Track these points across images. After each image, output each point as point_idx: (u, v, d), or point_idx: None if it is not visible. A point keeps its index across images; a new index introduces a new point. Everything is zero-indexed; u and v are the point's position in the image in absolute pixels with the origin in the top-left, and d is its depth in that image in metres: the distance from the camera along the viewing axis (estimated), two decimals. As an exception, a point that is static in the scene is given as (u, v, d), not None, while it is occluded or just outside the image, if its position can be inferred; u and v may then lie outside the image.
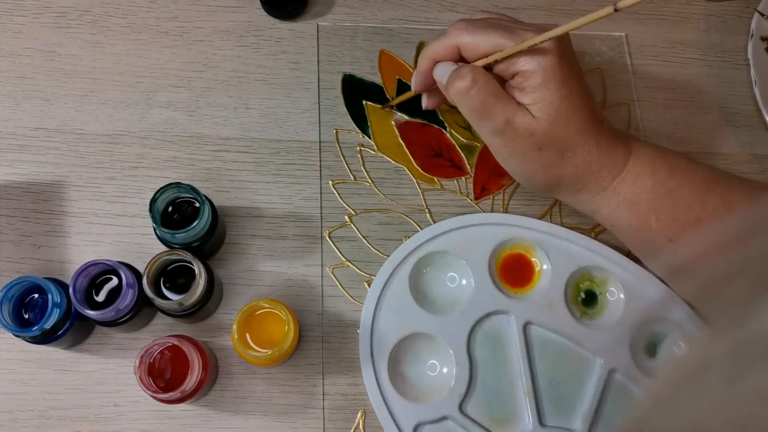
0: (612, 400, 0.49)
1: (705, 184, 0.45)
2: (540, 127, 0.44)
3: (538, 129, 0.44)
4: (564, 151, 0.45)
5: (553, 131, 0.44)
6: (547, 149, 0.44)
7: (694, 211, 0.44)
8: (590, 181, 0.46)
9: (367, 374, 0.47)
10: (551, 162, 0.45)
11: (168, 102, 0.54)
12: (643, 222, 0.45)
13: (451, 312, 0.49)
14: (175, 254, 0.44)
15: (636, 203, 0.45)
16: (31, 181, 0.51)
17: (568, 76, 0.44)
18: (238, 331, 0.44)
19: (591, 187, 0.46)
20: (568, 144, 0.44)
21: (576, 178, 0.46)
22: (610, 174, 0.45)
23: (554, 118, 0.44)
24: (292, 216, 0.52)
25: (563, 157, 0.45)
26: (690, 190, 0.45)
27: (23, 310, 0.44)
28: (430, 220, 0.53)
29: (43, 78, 0.53)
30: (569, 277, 0.51)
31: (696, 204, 0.44)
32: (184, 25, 0.56)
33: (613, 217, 0.46)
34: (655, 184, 0.45)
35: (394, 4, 0.59)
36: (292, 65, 0.56)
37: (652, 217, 0.45)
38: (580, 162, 0.45)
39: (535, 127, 0.44)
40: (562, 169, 0.45)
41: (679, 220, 0.45)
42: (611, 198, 0.46)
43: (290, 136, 0.54)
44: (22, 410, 0.46)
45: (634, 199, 0.45)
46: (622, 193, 0.45)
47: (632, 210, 0.45)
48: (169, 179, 0.48)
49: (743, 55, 0.61)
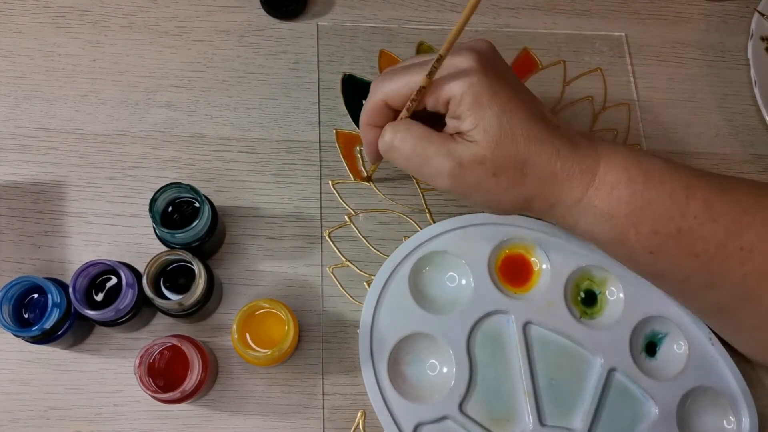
0: (612, 399, 0.49)
1: (684, 192, 0.43)
2: (487, 150, 0.41)
3: (486, 153, 0.41)
4: (521, 167, 0.41)
5: (502, 150, 0.41)
6: (502, 172, 0.41)
7: (674, 222, 0.42)
8: (560, 193, 0.43)
9: (367, 374, 0.47)
10: (511, 183, 0.42)
11: (168, 102, 0.54)
12: (623, 236, 0.43)
13: (451, 312, 0.49)
14: (175, 254, 0.44)
15: (613, 216, 0.43)
16: (31, 181, 0.51)
17: (498, 88, 0.41)
18: (238, 331, 0.44)
19: (563, 200, 0.43)
20: (523, 159, 0.41)
21: (544, 193, 0.43)
22: (581, 183, 0.42)
23: (499, 136, 0.41)
24: (292, 216, 0.52)
25: (522, 174, 0.42)
26: (670, 199, 0.42)
27: (23, 310, 0.44)
28: (430, 220, 0.53)
29: (43, 78, 0.53)
30: (569, 277, 0.51)
31: (677, 214, 0.42)
32: (184, 25, 0.56)
33: (591, 231, 0.44)
34: (633, 195, 0.42)
35: (394, 4, 0.59)
36: (292, 65, 0.56)
37: (632, 231, 0.43)
38: (542, 174, 0.42)
39: (482, 153, 0.41)
40: (526, 187, 0.42)
41: (659, 233, 0.43)
42: (588, 211, 0.43)
43: (290, 136, 0.54)
44: (22, 410, 0.46)
45: (612, 212, 0.42)
46: (598, 206, 0.43)
47: (610, 223, 0.43)
48: (169, 179, 0.48)
49: (743, 55, 0.61)
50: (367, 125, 0.45)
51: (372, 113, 0.44)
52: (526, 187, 0.42)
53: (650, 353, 0.51)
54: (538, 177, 0.42)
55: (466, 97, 0.41)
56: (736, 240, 0.42)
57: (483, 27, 0.59)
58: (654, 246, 0.43)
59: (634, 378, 0.49)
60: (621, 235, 0.43)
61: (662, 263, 0.44)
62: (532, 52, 0.59)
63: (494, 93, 0.41)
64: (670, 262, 0.44)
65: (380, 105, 0.44)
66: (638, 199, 0.42)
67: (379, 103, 0.44)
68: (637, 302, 0.50)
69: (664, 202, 0.42)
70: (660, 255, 0.44)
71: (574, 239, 0.51)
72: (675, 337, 0.51)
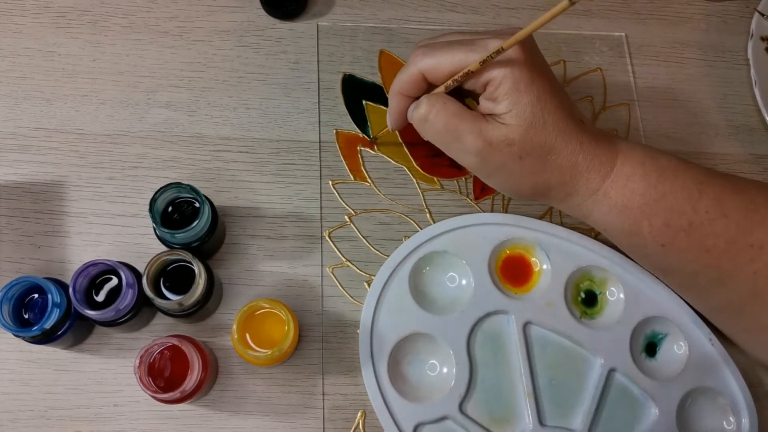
0: (612, 399, 0.49)
1: (697, 187, 0.44)
2: (517, 134, 0.43)
3: (515, 137, 0.43)
4: (546, 154, 0.43)
5: (531, 136, 0.43)
6: (528, 156, 0.43)
7: (686, 216, 0.44)
8: (579, 183, 0.45)
9: (367, 374, 0.47)
10: (535, 169, 0.44)
11: (168, 102, 0.54)
12: (636, 227, 0.45)
13: (451, 312, 0.49)
14: (175, 254, 0.44)
15: (627, 208, 0.44)
16: (31, 181, 0.51)
17: (537, 78, 0.43)
18: (238, 331, 0.44)
19: (580, 191, 0.45)
20: (549, 146, 0.43)
21: (564, 182, 0.45)
22: (599, 175, 0.44)
23: (530, 122, 0.42)
24: (292, 216, 0.52)
25: (546, 161, 0.44)
26: (682, 194, 0.44)
27: (23, 310, 0.44)
28: (430, 220, 0.53)
29: (43, 78, 0.53)
30: (569, 277, 0.51)
31: (689, 208, 0.44)
32: (184, 25, 0.56)
33: (605, 221, 0.46)
34: (647, 188, 0.44)
35: (394, 4, 0.59)
36: (292, 65, 0.56)
37: (645, 223, 0.44)
38: (564, 164, 0.44)
39: (512, 136, 0.43)
40: (548, 174, 0.44)
41: (671, 225, 0.44)
42: (602, 202, 0.45)
43: (290, 136, 0.54)
44: (22, 410, 0.46)
45: (626, 204, 0.44)
46: (613, 197, 0.44)
47: (624, 215, 0.44)
48: (169, 179, 0.48)
49: (743, 55, 0.61)
50: (399, 94, 0.46)
51: (407, 83, 0.45)
52: (548, 174, 0.44)
53: (650, 354, 0.51)
54: (560, 166, 0.44)
55: (506, 82, 0.42)
56: (747, 236, 0.43)
57: (483, 27, 0.59)
58: (666, 239, 0.44)
59: (634, 378, 0.49)
60: (634, 227, 0.45)
61: (673, 256, 0.45)
62: (532, 52, 0.59)
63: (532, 81, 0.42)
64: (680, 255, 0.45)
65: (417, 77, 0.45)
66: (652, 191, 0.44)
67: (416, 75, 0.44)
68: (638, 303, 0.50)
69: (677, 196, 0.44)
70: (671, 248, 0.44)
71: (574, 239, 0.51)
72: (675, 337, 0.51)
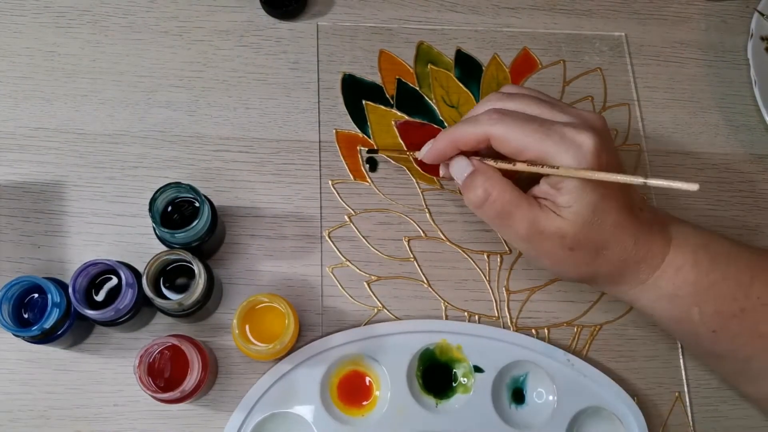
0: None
1: (749, 272, 0.43)
2: (572, 229, 0.41)
3: (569, 231, 0.41)
4: (599, 249, 0.42)
5: (586, 233, 0.41)
6: (579, 249, 0.42)
7: (738, 303, 0.43)
8: (628, 275, 0.44)
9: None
10: (584, 261, 0.43)
11: (168, 102, 0.54)
12: (685, 314, 0.44)
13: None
14: (175, 254, 0.44)
15: (677, 296, 0.43)
16: (31, 181, 0.51)
17: None
18: (239, 327, 0.44)
19: (629, 281, 0.44)
20: (603, 243, 0.42)
21: (612, 273, 0.44)
22: (649, 268, 0.43)
23: (589, 222, 0.41)
24: (292, 216, 0.52)
25: (597, 255, 0.43)
26: (734, 281, 0.43)
27: (23, 310, 0.44)
28: (430, 220, 0.53)
29: (43, 78, 0.53)
30: (409, 364, 0.48)
31: (740, 295, 0.43)
32: (184, 25, 0.56)
33: (653, 308, 0.45)
34: (698, 276, 0.43)
35: (394, 4, 0.59)
36: (291, 65, 0.56)
37: (695, 310, 0.43)
38: (615, 259, 0.43)
39: (566, 229, 0.41)
40: (596, 266, 0.43)
41: (723, 312, 0.43)
42: (651, 291, 0.44)
43: (290, 136, 0.54)
44: (22, 410, 0.46)
45: (676, 293, 0.43)
46: (663, 287, 0.43)
47: (673, 303, 0.44)
48: (169, 179, 0.48)
49: (743, 55, 0.61)
50: (452, 142, 0.44)
51: (469, 141, 0.43)
52: (597, 266, 0.43)
53: (519, 401, 0.49)
54: (610, 260, 0.43)
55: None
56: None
57: (483, 27, 0.59)
58: (717, 325, 0.43)
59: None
60: (683, 314, 0.44)
61: (725, 342, 0.44)
62: (532, 52, 0.59)
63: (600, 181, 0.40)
64: (733, 341, 0.44)
65: (482, 139, 0.42)
66: (703, 279, 0.43)
67: (482, 138, 0.42)
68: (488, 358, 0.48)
69: (729, 284, 0.43)
70: (723, 334, 0.44)
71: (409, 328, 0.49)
72: (536, 374, 0.49)
